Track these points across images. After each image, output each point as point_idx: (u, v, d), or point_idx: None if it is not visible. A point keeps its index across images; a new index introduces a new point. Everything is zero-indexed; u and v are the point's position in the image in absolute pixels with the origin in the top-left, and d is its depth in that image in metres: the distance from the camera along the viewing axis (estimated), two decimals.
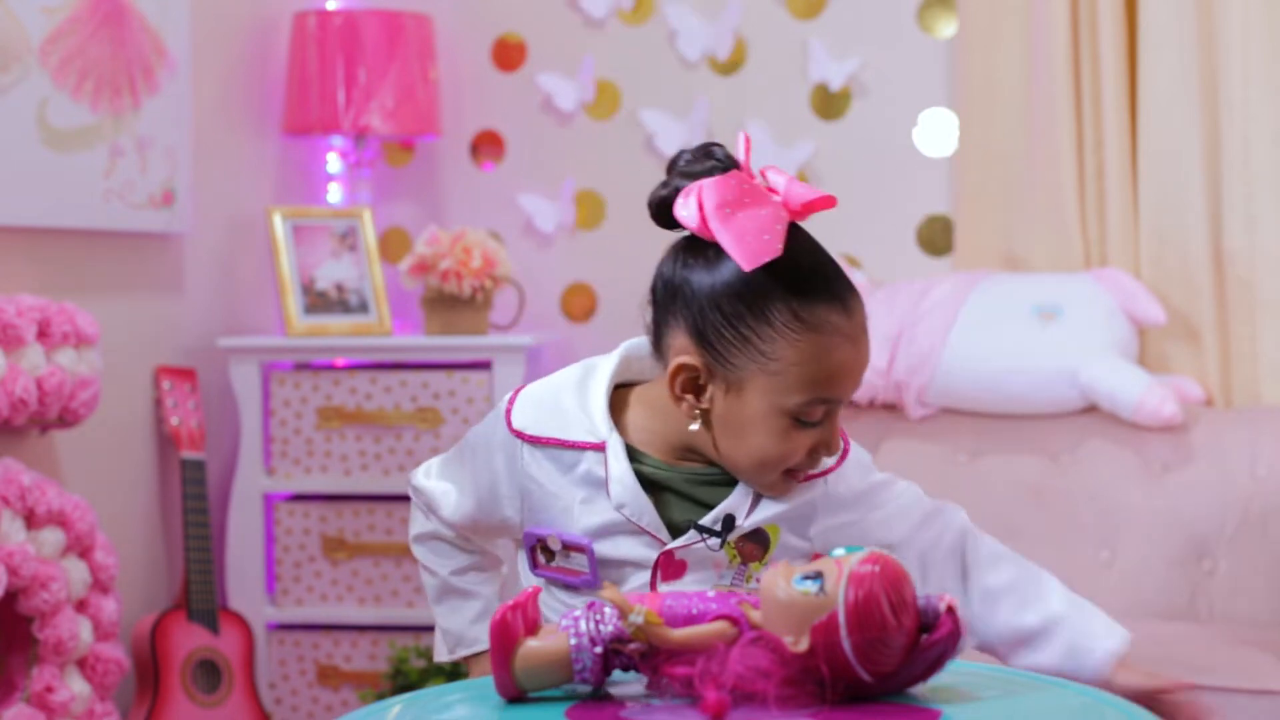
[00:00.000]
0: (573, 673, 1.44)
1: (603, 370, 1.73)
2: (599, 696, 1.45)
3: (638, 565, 1.67)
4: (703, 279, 1.63)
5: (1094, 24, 3.57)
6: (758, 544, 1.68)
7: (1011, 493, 3.42)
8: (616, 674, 1.45)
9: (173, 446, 3.65)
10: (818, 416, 1.63)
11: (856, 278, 3.65)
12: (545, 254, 4.04)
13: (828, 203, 1.64)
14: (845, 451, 1.72)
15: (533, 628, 1.45)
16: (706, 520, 1.66)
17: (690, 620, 1.42)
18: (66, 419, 3.16)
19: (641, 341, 1.74)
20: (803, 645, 1.38)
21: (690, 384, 1.64)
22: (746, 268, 1.58)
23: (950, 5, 3.81)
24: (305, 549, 3.71)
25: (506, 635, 1.43)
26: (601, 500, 1.67)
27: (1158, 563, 3.29)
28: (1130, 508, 3.33)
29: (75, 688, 3.11)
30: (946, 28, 3.82)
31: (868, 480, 1.75)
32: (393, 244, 4.12)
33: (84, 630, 3.12)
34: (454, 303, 3.73)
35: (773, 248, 1.58)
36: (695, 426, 1.65)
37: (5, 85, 3.15)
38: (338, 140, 4.03)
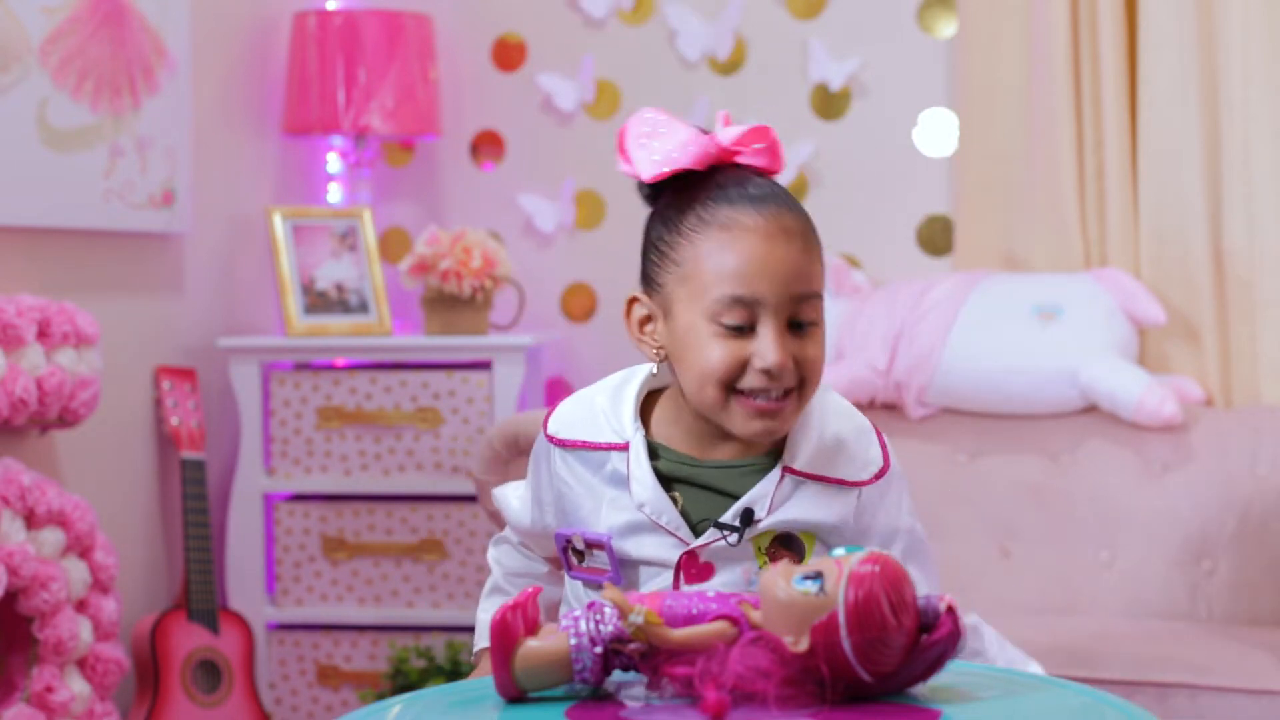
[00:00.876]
0: (573, 673, 1.44)
1: (639, 374, 1.75)
2: (599, 696, 1.45)
3: (661, 565, 1.67)
4: (647, 224, 1.71)
5: (1094, 24, 3.57)
6: (792, 551, 1.67)
7: (1011, 493, 3.42)
8: (616, 674, 1.45)
9: (173, 446, 3.65)
10: (740, 319, 1.61)
11: (856, 277, 3.65)
12: (545, 254, 4.04)
13: (762, 133, 1.66)
14: (885, 467, 1.71)
15: (533, 628, 1.45)
16: (726, 516, 1.66)
17: (690, 620, 1.42)
18: (66, 419, 3.16)
19: None
20: (803, 645, 1.38)
21: (642, 325, 1.70)
22: (645, 177, 1.65)
23: (950, 5, 3.81)
24: (305, 549, 3.71)
25: (506, 635, 1.43)
26: (626, 499, 1.68)
27: (1158, 563, 3.29)
28: (1130, 508, 3.33)
29: (75, 688, 3.11)
30: (946, 28, 3.82)
31: (901, 511, 1.74)
32: (393, 244, 4.12)
33: (84, 630, 3.12)
34: (454, 303, 3.73)
35: (675, 159, 1.64)
36: (653, 369, 1.70)
37: (5, 85, 3.15)
38: (338, 140, 4.03)
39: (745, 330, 1.62)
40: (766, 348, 1.61)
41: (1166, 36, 3.50)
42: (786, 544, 1.67)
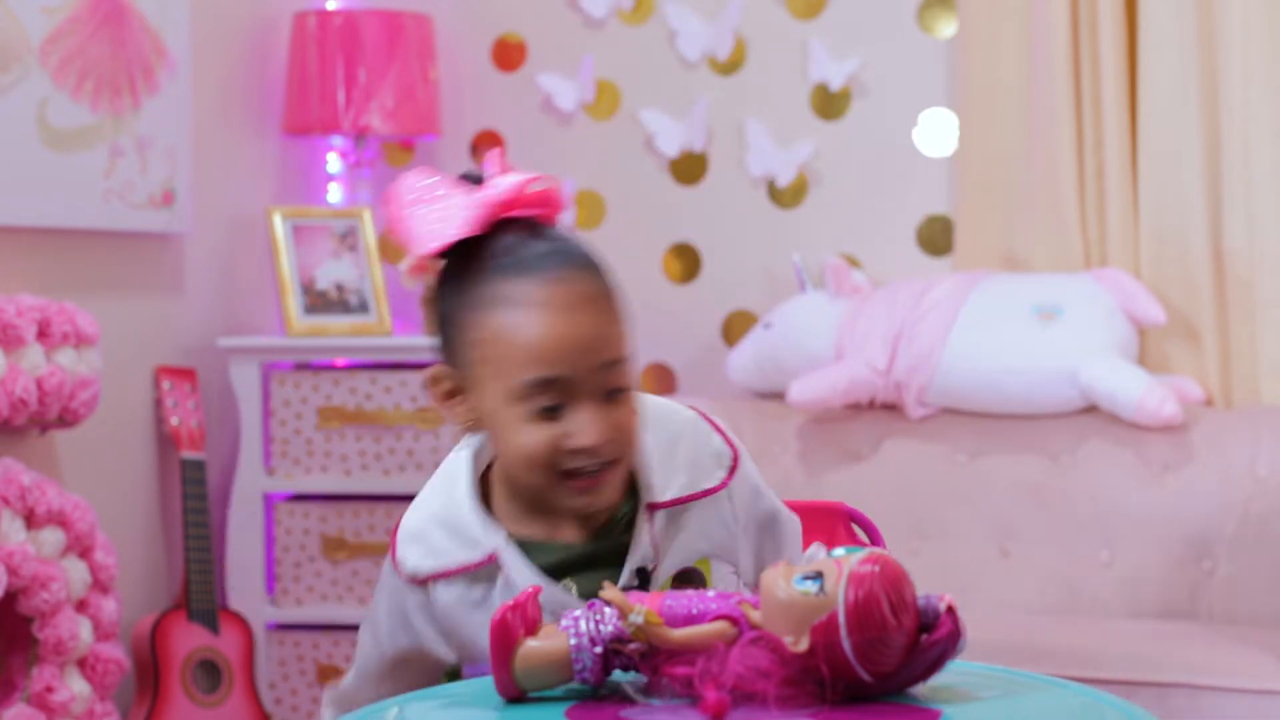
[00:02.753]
0: (573, 673, 1.43)
1: (460, 474, 1.62)
2: (599, 696, 1.45)
3: None
4: (437, 290, 1.58)
5: (1094, 24, 3.57)
6: (692, 584, 1.61)
7: (1011, 493, 3.42)
8: (616, 674, 1.45)
9: (173, 446, 3.65)
10: (550, 401, 1.52)
11: (856, 277, 3.65)
12: None
13: (537, 181, 1.57)
14: (735, 453, 1.65)
15: (532, 627, 1.44)
16: (621, 582, 1.58)
17: (690, 620, 1.42)
18: (66, 419, 3.16)
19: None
20: (803, 645, 1.38)
21: (447, 398, 1.59)
22: (417, 251, 1.54)
23: (950, 5, 3.81)
24: (305, 549, 3.71)
25: (506, 635, 1.43)
26: None
27: (1158, 563, 3.30)
28: (1130, 508, 3.33)
29: (75, 688, 3.11)
30: (946, 28, 3.82)
31: (767, 492, 1.68)
32: (393, 244, 4.12)
33: (84, 630, 3.12)
34: None
35: (445, 233, 1.54)
36: (467, 454, 1.59)
37: (5, 85, 3.15)
38: (338, 140, 4.03)
39: (557, 410, 1.52)
40: (583, 428, 1.52)
41: (1166, 36, 3.50)
42: (685, 580, 1.61)
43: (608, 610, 1.43)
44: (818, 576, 1.40)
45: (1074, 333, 3.42)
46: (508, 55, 4.07)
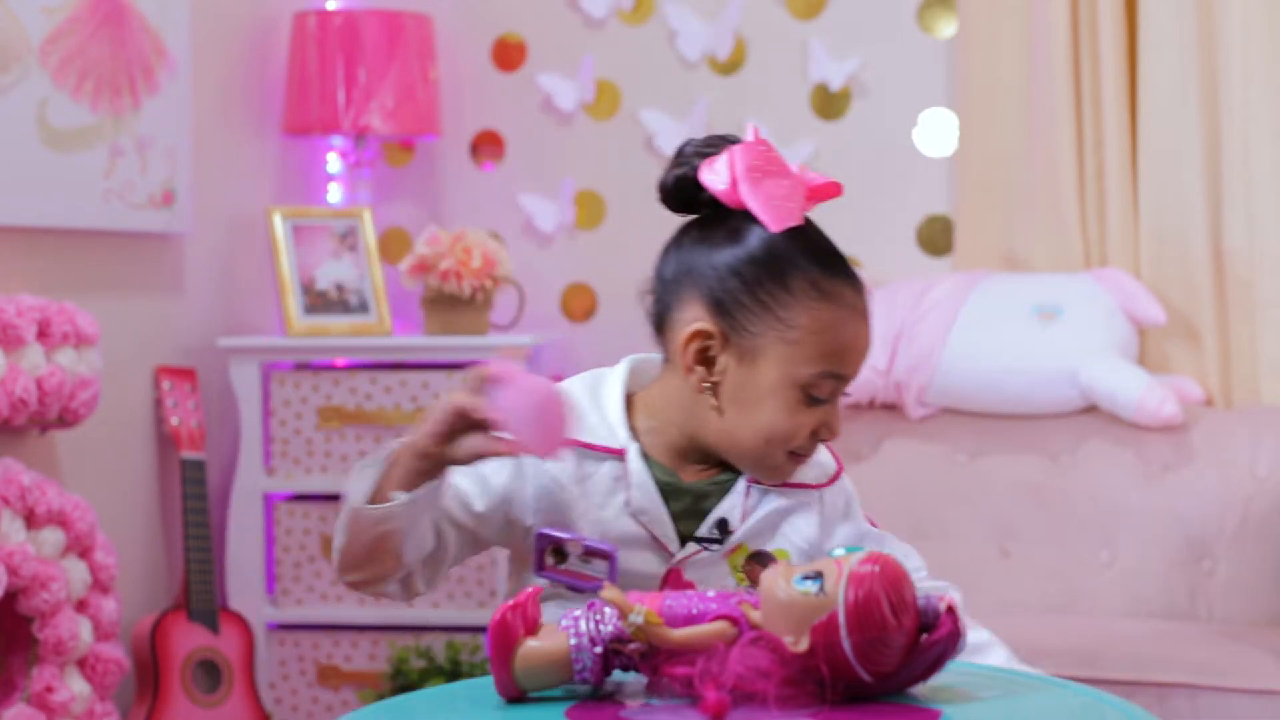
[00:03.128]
0: (573, 673, 1.44)
1: (613, 379, 1.74)
2: (599, 696, 1.45)
3: (644, 580, 1.66)
4: (721, 250, 1.66)
5: (1094, 24, 3.57)
6: (765, 567, 1.67)
7: (1011, 493, 3.42)
8: (616, 674, 1.45)
9: (173, 446, 3.65)
10: (826, 392, 1.64)
11: None
12: (545, 254, 4.04)
13: (835, 189, 1.69)
14: (839, 469, 1.75)
15: (533, 628, 1.45)
16: (702, 530, 1.66)
17: (690, 620, 1.42)
18: (66, 419, 3.16)
19: (644, 356, 1.75)
20: (803, 645, 1.38)
21: (701, 354, 1.66)
22: (774, 229, 1.62)
23: (950, 5, 3.81)
24: (305, 549, 3.71)
25: (506, 635, 1.43)
26: (617, 507, 1.67)
27: (1158, 563, 3.30)
28: (1130, 508, 3.33)
29: (75, 688, 3.11)
30: (946, 28, 3.82)
31: (860, 517, 1.77)
32: (393, 244, 4.12)
33: (84, 630, 3.12)
34: (454, 303, 3.73)
35: (795, 214, 1.64)
36: (712, 401, 1.65)
37: (5, 85, 3.15)
38: (338, 140, 4.03)
39: (820, 401, 1.65)
40: (832, 422, 1.66)
41: (1166, 36, 3.50)
42: (760, 560, 1.68)
43: (608, 610, 1.43)
44: (818, 576, 1.40)
45: (1074, 333, 3.42)
46: (508, 55, 4.07)
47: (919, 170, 3.84)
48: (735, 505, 1.68)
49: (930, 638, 1.41)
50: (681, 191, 1.69)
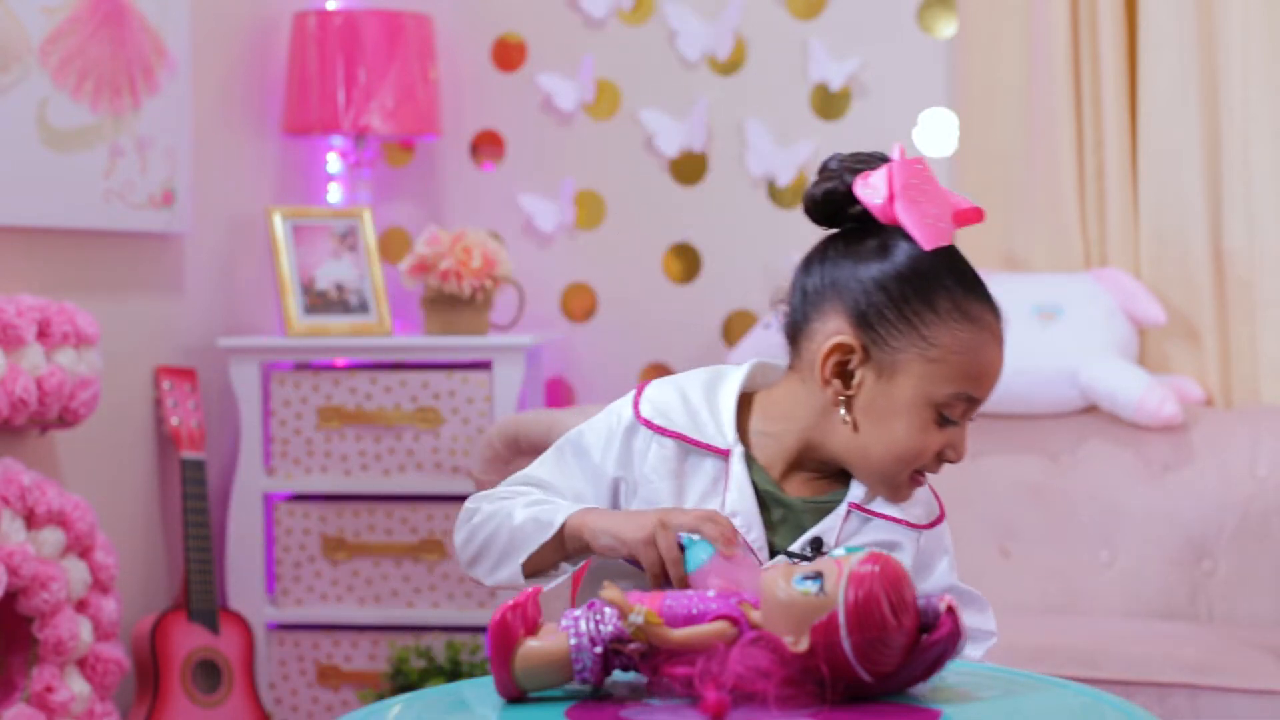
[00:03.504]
0: (573, 673, 1.44)
1: (733, 378, 1.74)
2: (599, 696, 1.45)
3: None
4: (869, 264, 1.67)
5: (1094, 24, 3.57)
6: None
7: (1011, 493, 3.42)
8: (616, 674, 1.45)
9: (173, 446, 3.65)
10: (958, 413, 1.66)
11: None
12: (545, 254, 4.04)
13: (978, 214, 1.69)
14: (941, 516, 1.76)
15: (532, 628, 1.45)
16: (795, 546, 1.65)
17: (690, 620, 1.42)
18: (66, 419, 3.16)
19: (770, 362, 1.76)
20: (803, 645, 1.38)
21: (840, 368, 1.66)
22: (926, 247, 1.63)
23: (950, 5, 3.81)
24: (305, 549, 3.71)
25: (506, 635, 1.43)
26: (712, 506, 1.67)
27: (1158, 563, 3.30)
28: (1130, 508, 3.33)
29: (75, 688, 3.11)
30: (946, 28, 3.82)
31: (952, 571, 1.78)
32: (393, 244, 4.12)
33: (84, 630, 3.12)
34: (454, 303, 3.73)
35: (947, 235, 1.65)
36: (844, 415, 1.66)
37: (5, 85, 3.15)
38: (338, 140, 4.03)
39: (951, 423, 1.67)
40: (959, 444, 1.68)
41: (1166, 36, 3.50)
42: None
43: (608, 610, 1.43)
44: (818, 576, 1.40)
45: (1074, 333, 3.42)
46: (508, 55, 4.07)
47: None
48: (833, 527, 1.69)
49: (930, 638, 1.41)
50: (829, 205, 1.71)
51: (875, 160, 1.71)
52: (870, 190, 1.68)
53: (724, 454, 1.69)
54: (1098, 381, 3.37)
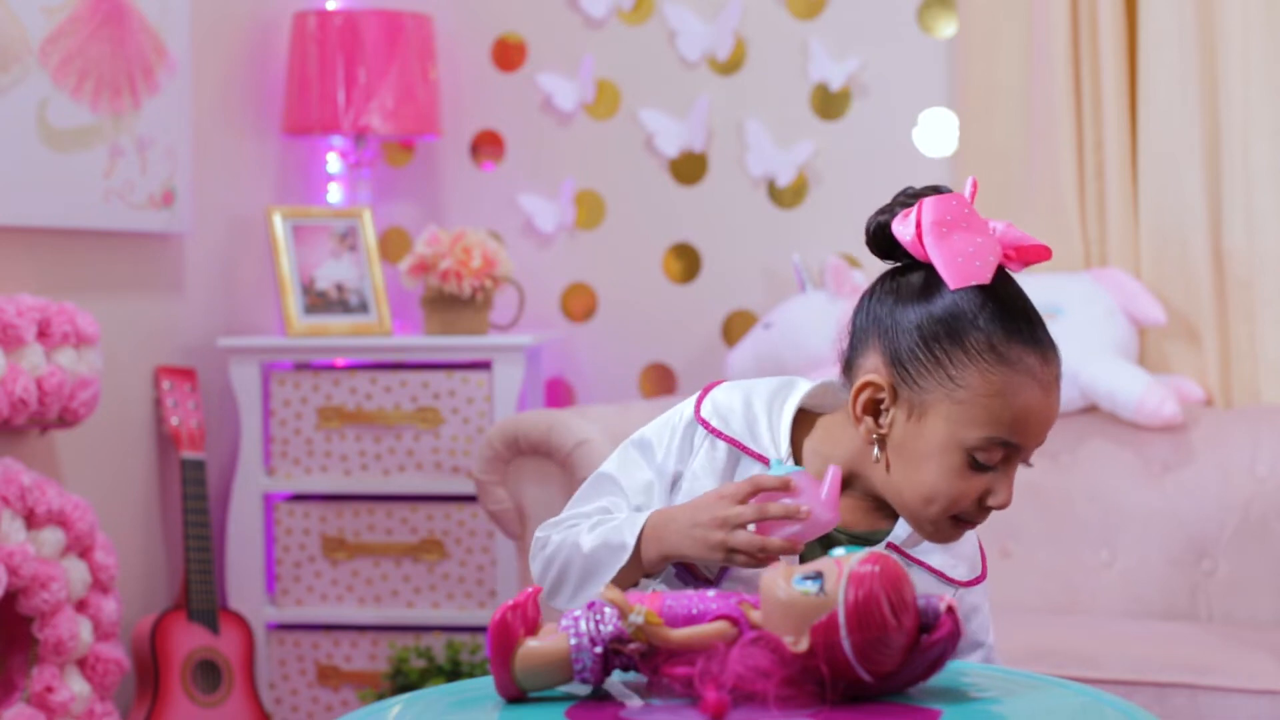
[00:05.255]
0: (573, 673, 1.43)
1: (796, 394, 1.72)
2: (599, 696, 1.45)
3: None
4: (906, 302, 1.64)
5: (1094, 24, 3.57)
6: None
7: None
8: (616, 674, 1.45)
9: (173, 446, 3.65)
10: (995, 460, 1.62)
11: (856, 277, 3.65)
12: (545, 254, 4.04)
13: (1044, 252, 1.63)
14: (984, 574, 1.75)
15: (532, 628, 1.45)
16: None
17: (690, 620, 1.42)
18: (66, 419, 3.16)
19: (838, 380, 1.73)
20: (803, 645, 1.38)
21: (872, 405, 1.64)
22: (952, 286, 1.59)
23: (950, 5, 3.81)
24: (305, 549, 3.71)
25: (506, 635, 1.43)
26: None
27: (1158, 563, 3.30)
28: (1130, 508, 3.33)
29: (75, 688, 3.11)
30: (946, 28, 3.82)
31: (988, 628, 1.76)
32: (393, 244, 4.12)
33: (84, 630, 3.12)
34: (454, 303, 3.73)
35: (981, 273, 1.59)
36: (875, 453, 1.64)
37: (5, 85, 3.15)
38: (338, 140, 4.03)
39: (986, 468, 1.63)
40: (1000, 491, 1.64)
41: (1166, 36, 3.50)
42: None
43: (608, 610, 1.43)
44: (818, 576, 1.40)
45: (1074, 332, 3.42)
46: (508, 55, 4.07)
47: (919, 170, 3.84)
48: None
49: (930, 638, 1.41)
50: (879, 239, 1.68)
51: (929, 193, 1.65)
52: (904, 227, 1.64)
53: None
54: (1098, 381, 3.37)
